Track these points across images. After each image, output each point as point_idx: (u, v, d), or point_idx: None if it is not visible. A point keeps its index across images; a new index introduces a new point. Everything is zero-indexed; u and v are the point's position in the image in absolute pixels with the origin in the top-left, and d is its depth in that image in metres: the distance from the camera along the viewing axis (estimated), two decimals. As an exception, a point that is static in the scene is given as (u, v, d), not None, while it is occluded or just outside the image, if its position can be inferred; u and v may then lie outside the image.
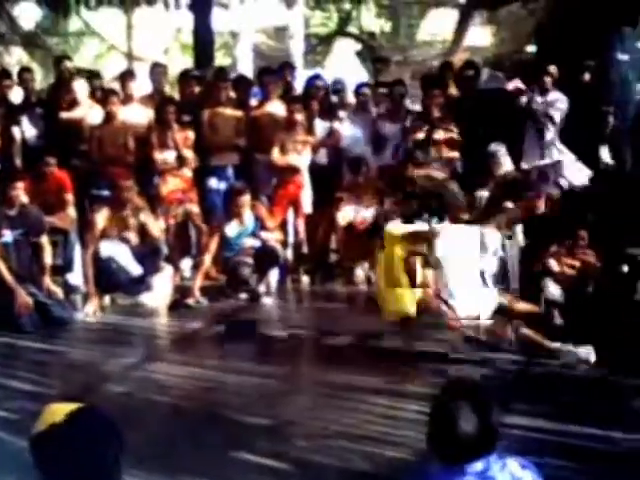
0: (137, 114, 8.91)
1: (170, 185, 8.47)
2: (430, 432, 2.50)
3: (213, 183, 8.75)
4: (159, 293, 7.81)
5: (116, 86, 9.39)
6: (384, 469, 4.27)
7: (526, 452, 2.78)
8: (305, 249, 8.81)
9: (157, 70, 9.65)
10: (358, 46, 18.87)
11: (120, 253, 7.64)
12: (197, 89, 9.41)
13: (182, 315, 7.46)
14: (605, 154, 8.43)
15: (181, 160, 8.48)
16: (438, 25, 18.60)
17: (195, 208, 8.55)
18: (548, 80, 8.53)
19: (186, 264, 8.57)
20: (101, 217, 7.68)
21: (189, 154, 8.53)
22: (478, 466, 2.43)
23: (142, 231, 7.84)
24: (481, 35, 17.66)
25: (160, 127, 8.63)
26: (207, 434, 4.76)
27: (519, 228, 7.88)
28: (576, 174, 8.21)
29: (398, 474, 4.19)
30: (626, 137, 8.65)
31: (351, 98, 9.51)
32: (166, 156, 8.53)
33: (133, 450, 2.37)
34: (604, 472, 4.13)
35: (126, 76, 9.37)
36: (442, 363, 5.80)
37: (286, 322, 7.34)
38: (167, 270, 8.06)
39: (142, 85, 9.69)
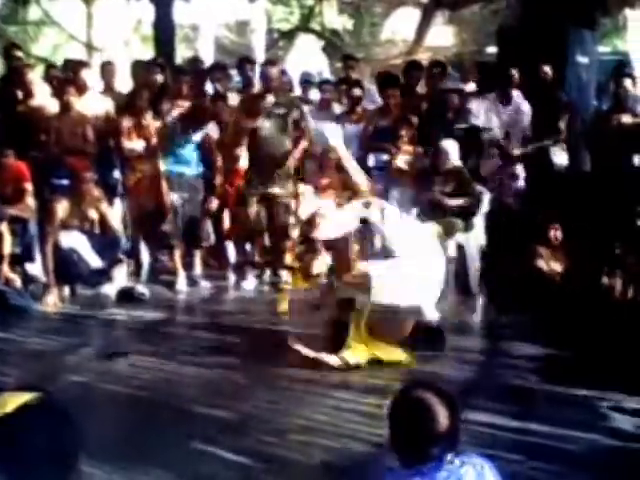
0: (95, 104, 8.81)
1: (138, 174, 8.39)
2: (397, 432, 2.51)
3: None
4: (119, 285, 7.79)
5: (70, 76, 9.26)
6: (346, 463, 4.28)
7: (482, 448, 2.81)
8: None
9: (107, 68, 9.54)
10: (320, 42, 18.91)
11: (80, 244, 7.58)
12: (156, 79, 9.35)
13: (142, 306, 7.45)
14: (562, 155, 8.52)
15: (150, 149, 8.32)
16: (401, 24, 18.68)
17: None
18: (512, 88, 8.60)
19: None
20: (61, 207, 7.62)
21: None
22: (445, 464, 2.43)
23: (101, 222, 7.79)
24: (443, 35, 17.77)
25: (131, 115, 8.52)
26: (168, 426, 4.73)
27: (480, 225, 8.02)
28: None
29: (360, 468, 4.21)
30: (583, 138, 8.77)
31: (315, 94, 9.53)
32: (134, 145, 8.44)
33: (91, 442, 2.35)
34: (561, 470, 4.18)
35: (78, 66, 9.25)
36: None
37: (248, 314, 7.34)
38: (126, 262, 8.05)
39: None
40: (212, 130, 8.33)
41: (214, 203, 8.28)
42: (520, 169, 8.38)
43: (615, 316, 6.25)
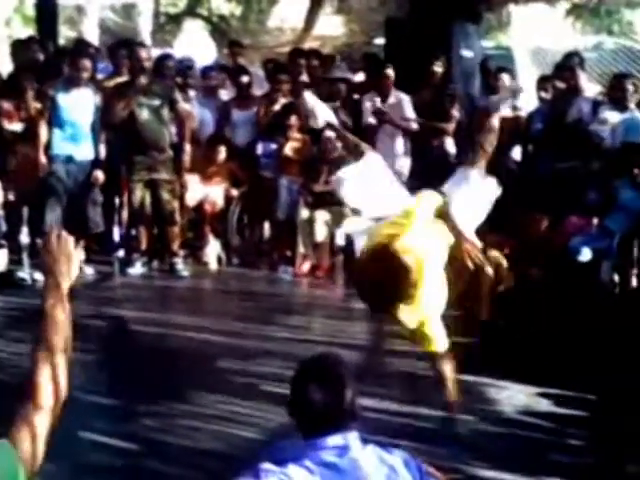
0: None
1: (19, 157, 8.09)
2: (289, 399, 2.53)
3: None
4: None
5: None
6: (234, 448, 4.26)
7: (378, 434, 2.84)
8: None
9: None
10: (207, 27, 18.75)
11: (-43, 228, 7.33)
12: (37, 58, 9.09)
13: (23, 292, 7.24)
14: (451, 147, 8.64)
15: (32, 132, 7.97)
16: (289, 11, 18.67)
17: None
18: (388, 83, 8.66)
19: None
20: None
21: (42, 125, 7.80)
22: (336, 440, 2.42)
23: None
24: (332, 24, 17.84)
25: (12, 96, 8.18)
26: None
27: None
28: None
29: (248, 453, 4.19)
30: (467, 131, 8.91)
31: (198, 80, 9.41)
32: (14, 127, 8.13)
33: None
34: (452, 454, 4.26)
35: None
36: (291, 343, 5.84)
37: (133, 302, 7.22)
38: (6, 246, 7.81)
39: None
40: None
41: (100, 177, 7.94)
42: (405, 162, 8.50)
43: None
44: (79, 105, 7.79)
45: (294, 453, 2.43)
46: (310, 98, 7.30)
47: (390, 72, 8.59)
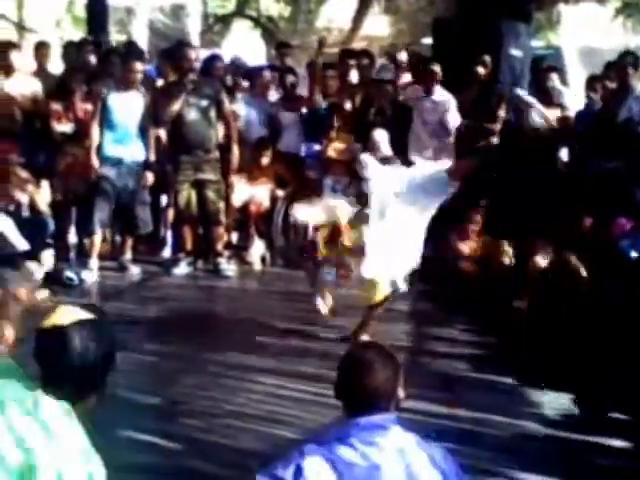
0: (23, 85, 8.59)
1: (69, 158, 8.20)
2: (340, 382, 2.62)
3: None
4: (46, 268, 7.63)
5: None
6: (276, 448, 4.27)
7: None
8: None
9: (41, 50, 9.34)
10: (256, 28, 18.83)
11: (7, 226, 7.41)
12: (90, 60, 9.20)
13: (71, 291, 7.32)
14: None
15: (81, 133, 8.08)
16: (337, 12, 18.69)
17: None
18: (433, 80, 8.61)
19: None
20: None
21: (94, 127, 7.78)
22: (376, 419, 2.52)
23: (30, 205, 7.65)
24: (380, 24, 17.82)
25: (62, 97, 8.28)
26: (95, 412, 4.65)
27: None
28: None
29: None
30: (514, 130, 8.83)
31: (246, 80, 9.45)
32: (64, 128, 8.26)
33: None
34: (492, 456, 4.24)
35: (6, 47, 9.00)
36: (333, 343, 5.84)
37: (176, 300, 7.27)
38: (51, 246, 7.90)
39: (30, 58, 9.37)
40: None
41: (150, 179, 8.00)
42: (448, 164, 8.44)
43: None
44: (129, 107, 7.84)
45: (338, 433, 2.53)
46: (379, 135, 7.40)
47: (435, 68, 8.55)
